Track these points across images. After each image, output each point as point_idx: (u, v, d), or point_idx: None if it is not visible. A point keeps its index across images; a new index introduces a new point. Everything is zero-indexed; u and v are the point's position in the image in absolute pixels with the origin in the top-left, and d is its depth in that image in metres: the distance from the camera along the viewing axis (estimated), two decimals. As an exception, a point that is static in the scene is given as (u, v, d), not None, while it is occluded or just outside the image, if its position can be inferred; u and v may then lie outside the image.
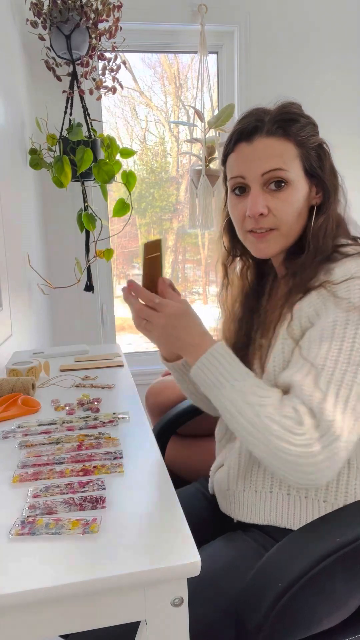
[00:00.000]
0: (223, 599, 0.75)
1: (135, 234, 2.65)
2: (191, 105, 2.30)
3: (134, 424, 0.91)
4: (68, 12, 1.82)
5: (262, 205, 0.83)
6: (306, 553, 0.69)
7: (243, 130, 0.85)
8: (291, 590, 0.65)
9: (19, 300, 1.67)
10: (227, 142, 0.90)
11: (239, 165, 0.86)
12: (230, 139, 0.89)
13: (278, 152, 0.83)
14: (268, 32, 2.30)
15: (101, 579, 0.51)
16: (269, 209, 0.84)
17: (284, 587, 0.66)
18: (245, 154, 0.85)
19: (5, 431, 0.88)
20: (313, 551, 0.68)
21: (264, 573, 0.70)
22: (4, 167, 1.57)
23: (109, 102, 2.40)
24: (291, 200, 0.84)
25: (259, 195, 0.84)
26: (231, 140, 0.88)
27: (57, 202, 2.23)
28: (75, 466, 0.74)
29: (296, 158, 0.84)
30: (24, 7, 1.91)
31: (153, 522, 0.61)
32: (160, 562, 0.53)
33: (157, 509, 0.64)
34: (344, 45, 2.35)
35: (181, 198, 2.60)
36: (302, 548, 0.71)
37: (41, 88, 2.12)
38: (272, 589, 0.66)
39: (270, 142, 0.84)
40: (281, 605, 0.65)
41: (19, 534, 0.58)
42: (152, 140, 2.58)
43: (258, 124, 0.84)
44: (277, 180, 0.83)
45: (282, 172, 0.83)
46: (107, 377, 1.21)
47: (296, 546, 0.72)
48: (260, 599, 0.67)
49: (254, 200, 0.84)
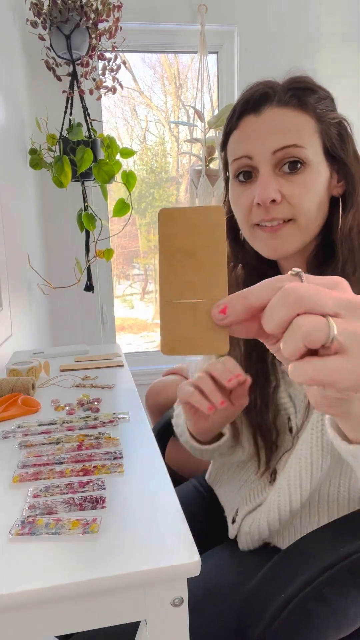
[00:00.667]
0: (226, 610, 0.72)
1: (135, 234, 2.65)
2: (191, 105, 2.30)
3: (134, 424, 0.91)
4: (68, 12, 1.82)
5: (274, 189, 0.67)
6: (309, 563, 0.65)
7: (249, 99, 0.70)
8: (293, 601, 0.62)
9: (19, 300, 1.67)
10: (228, 118, 0.74)
11: (244, 143, 0.70)
12: (232, 113, 0.73)
13: (293, 126, 0.67)
14: (268, 32, 2.30)
15: (101, 579, 0.51)
16: (282, 195, 0.68)
17: (286, 597, 0.62)
18: (252, 128, 0.69)
19: (5, 431, 0.88)
20: (316, 561, 0.65)
21: (266, 583, 0.67)
22: (4, 167, 1.57)
23: (109, 102, 2.40)
24: (310, 185, 0.68)
25: (269, 177, 0.68)
26: (234, 114, 0.72)
27: (57, 202, 2.23)
28: (75, 466, 0.74)
29: (315, 134, 0.68)
30: (24, 7, 1.91)
31: (153, 522, 0.61)
32: (160, 562, 0.53)
33: (157, 509, 0.64)
34: (345, 45, 2.35)
35: (181, 198, 2.60)
36: (305, 557, 0.67)
37: (41, 88, 2.12)
38: (274, 599, 0.63)
39: (284, 113, 0.68)
40: (284, 616, 0.62)
41: (19, 534, 0.58)
42: (152, 140, 2.58)
43: (268, 91, 0.69)
44: (292, 161, 0.68)
45: (298, 149, 0.67)
46: (107, 377, 1.21)
47: (299, 556, 0.68)
48: (261, 609, 0.64)
49: (264, 183, 0.68)
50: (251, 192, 0.70)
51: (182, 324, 0.35)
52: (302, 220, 0.69)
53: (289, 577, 0.65)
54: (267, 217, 0.69)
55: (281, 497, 0.74)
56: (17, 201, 1.73)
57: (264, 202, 0.68)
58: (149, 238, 2.68)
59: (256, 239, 0.73)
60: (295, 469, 0.73)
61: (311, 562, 0.65)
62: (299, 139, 0.67)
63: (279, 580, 0.66)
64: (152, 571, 0.52)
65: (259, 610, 0.64)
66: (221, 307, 0.34)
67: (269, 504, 0.77)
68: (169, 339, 0.35)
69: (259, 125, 0.69)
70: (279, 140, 0.67)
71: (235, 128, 0.72)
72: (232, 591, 0.74)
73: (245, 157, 0.70)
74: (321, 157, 0.69)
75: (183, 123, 2.43)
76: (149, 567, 0.53)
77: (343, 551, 0.65)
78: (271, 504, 0.76)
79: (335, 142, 0.70)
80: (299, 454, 0.73)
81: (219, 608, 0.72)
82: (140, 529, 0.59)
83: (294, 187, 0.68)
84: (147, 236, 2.66)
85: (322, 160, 0.69)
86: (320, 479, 0.73)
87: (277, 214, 0.69)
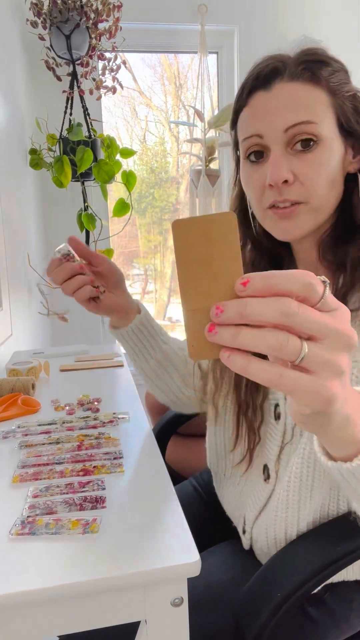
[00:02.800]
0: (225, 609, 0.72)
1: (135, 234, 2.65)
2: (191, 105, 2.30)
3: (134, 424, 0.91)
4: (68, 12, 1.82)
5: (286, 169, 0.65)
6: (306, 562, 0.65)
7: (259, 73, 0.67)
8: (290, 599, 0.62)
9: (19, 300, 1.67)
10: (238, 95, 0.71)
11: (255, 121, 0.68)
12: (242, 89, 0.70)
13: (305, 101, 0.65)
14: (268, 32, 2.30)
15: (101, 579, 0.51)
16: (294, 176, 0.66)
17: (283, 596, 0.62)
18: (263, 105, 0.67)
19: (5, 431, 0.88)
20: (312, 560, 0.65)
21: (263, 582, 0.67)
22: (4, 167, 1.57)
23: (109, 102, 2.40)
24: (323, 163, 0.66)
25: (281, 157, 0.66)
26: (244, 90, 0.69)
27: (57, 202, 2.23)
28: (75, 466, 0.74)
29: (329, 108, 0.66)
30: (24, 7, 1.91)
31: (153, 522, 0.61)
32: (160, 562, 0.53)
33: (157, 509, 0.64)
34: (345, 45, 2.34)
35: (181, 198, 2.60)
36: (301, 556, 0.67)
37: (41, 88, 2.12)
38: (271, 598, 0.63)
39: (295, 87, 0.65)
40: (280, 615, 0.62)
41: (19, 534, 0.58)
42: (152, 140, 2.58)
43: (278, 65, 0.67)
44: (305, 139, 0.65)
45: (311, 126, 0.64)
46: (107, 377, 1.21)
47: (296, 554, 0.68)
48: (258, 608, 0.64)
49: (276, 163, 0.65)
50: (263, 172, 0.68)
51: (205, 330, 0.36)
52: (315, 202, 0.67)
53: (285, 575, 0.65)
54: (280, 198, 0.67)
55: (289, 496, 0.72)
56: (17, 201, 1.73)
57: (276, 184, 0.65)
58: (149, 238, 2.68)
59: (268, 222, 0.71)
60: (298, 464, 0.71)
61: (308, 561, 0.65)
62: (311, 115, 0.64)
63: (276, 579, 0.66)
64: (152, 571, 0.52)
65: (256, 609, 0.64)
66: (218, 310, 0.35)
67: (275, 507, 0.74)
68: (195, 345, 0.37)
69: (269, 101, 0.66)
70: (291, 117, 0.64)
71: (245, 105, 0.69)
72: (231, 590, 0.73)
73: (256, 136, 0.68)
74: (335, 133, 0.66)
75: (183, 123, 2.43)
76: (149, 567, 0.53)
77: (340, 550, 0.64)
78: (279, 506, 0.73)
79: (350, 116, 0.67)
80: (301, 451, 0.71)
81: (218, 607, 0.72)
82: (140, 529, 0.59)
83: (306, 166, 0.65)
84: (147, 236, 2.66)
85: (336, 136, 0.67)
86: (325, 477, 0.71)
87: (289, 195, 0.66)
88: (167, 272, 2.78)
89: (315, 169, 0.65)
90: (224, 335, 0.35)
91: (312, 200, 0.67)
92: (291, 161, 0.66)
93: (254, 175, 0.70)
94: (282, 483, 0.73)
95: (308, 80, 0.65)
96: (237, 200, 0.79)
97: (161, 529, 0.59)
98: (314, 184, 0.66)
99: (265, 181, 0.67)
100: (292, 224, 0.68)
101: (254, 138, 0.68)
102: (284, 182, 0.66)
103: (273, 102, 0.66)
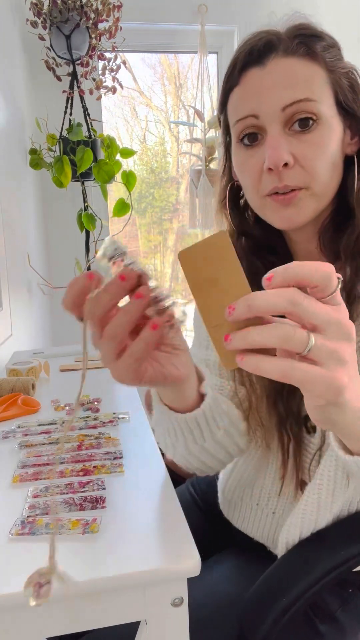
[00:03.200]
0: (228, 618, 0.69)
1: (135, 234, 2.65)
2: (191, 105, 2.30)
3: (134, 424, 0.91)
4: (68, 12, 1.82)
5: (285, 151, 0.60)
6: (310, 566, 0.63)
7: (252, 48, 0.62)
8: (295, 605, 0.60)
9: (19, 300, 1.67)
10: (227, 74, 0.65)
11: (249, 100, 0.62)
12: (233, 66, 0.64)
13: (303, 77, 0.60)
14: (268, 32, 2.30)
15: (101, 579, 0.51)
16: (294, 158, 0.60)
17: (288, 602, 0.60)
18: (257, 82, 0.61)
19: (5, 431, 0.88)
20: (317, 564, 0.63)
21: (267, 587, 0.65)
22: (4, 167, 1.57)
23: (109, 102, 2.40)
24: (323, 143, 0.61)
25: (280, 138, 0.60)
26: (234, 67, 0.63)
27: (57, 202, 2.23)
28: (75, 466, 0.74)
29: (326, 85, 0.61)
30: (24, 7, 1.91)
31: (153, 522, 0.61)
32: (160, 562, 0.53)
33: (157, 509, 0.63)
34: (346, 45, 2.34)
35: (181, 198, 2.60)
36: (305, 561, 0.65)
37: (41, 88, 2.12)
38: (276, 603, 0.61)
39: (291, 63, 0.60)
40: (285, 621, 0.60)
41: (19, 534, 0.58)
42: (152, 140, 2.58)
43: (272, 39, 0.62)
44: (303, 118, 0.60)
45: (310, 104, 0.59)
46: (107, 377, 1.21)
47: (299, 559, 0.66)
48: (263, 614, 0.62)
49: (275, 144, 0.60)
50: (259, 156, 0.62)
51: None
52: (317, 186, 0.62)
53: (290, 580, 0.63)
54: (280, 184, 0.61)
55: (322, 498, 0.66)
56: (17, 201, 1.73)
57: (276, 166, 0.60)
58: (149, 238, 2.68)
59: (267, 210, 0.65)
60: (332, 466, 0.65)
61: (312, 566, 0.63)
62: (310, 92, 0.59)
63: (280, 584, 0.64)
64: (152, 571, 0.52)
65: (260, 615, 0.63)
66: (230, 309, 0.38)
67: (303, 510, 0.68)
68: (223, 357, 0.41)
69: (264, 78, 0.60)
70: (289, 95, 0.59)
71: (237, 84, 0.63)
72: (235, 600, 0.71)
73: (251, 117, 0.62)
74: (334, 111, 0.62)
75: (183, 123, 2.43)
76: (149, 567, 0.53)
77: (343, 554, 0.63)
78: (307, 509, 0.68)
79: (347, 94, 0.63)
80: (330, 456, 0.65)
81: (222, 617, 0.70)
82: (140, 529, 0.59)
83: (306, 147, 0.60)
84: (147, 236, 2.66)
85: (335, 114, 0.62)
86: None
87: (290, 181, 0.61)
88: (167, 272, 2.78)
89: (315, 150, 0.61)
90: (236, 339, 0.37)
91: (313, 184, 0.62)
92: (290, 142, 0.61)
93: (250, 160, 0.64)
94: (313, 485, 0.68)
95: (304, 55, 0.61)
96: (225, 190, 0.73)
97: (161, 529, 0.59)
98: (314, 166, 0.61)
99: (262, 166, 0.62)
100: (294, 211, 0.63)
101: (248, 119, 0.62)
102: (284, 166, 0.60)
103: (268, 79, 0.60)
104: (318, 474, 0.68)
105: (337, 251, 0.66)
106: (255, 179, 0.64)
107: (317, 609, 0.69)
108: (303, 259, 0.71)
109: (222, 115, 0.69)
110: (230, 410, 0.71)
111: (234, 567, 0.79)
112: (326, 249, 0.67)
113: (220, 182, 0.74)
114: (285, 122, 0.61)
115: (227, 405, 0.70)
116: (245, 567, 0.78)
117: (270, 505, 0.78)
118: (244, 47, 0.63)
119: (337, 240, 0.66)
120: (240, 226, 0.74)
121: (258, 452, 0.78)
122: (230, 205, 0.73)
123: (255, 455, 0.78)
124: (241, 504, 0.83)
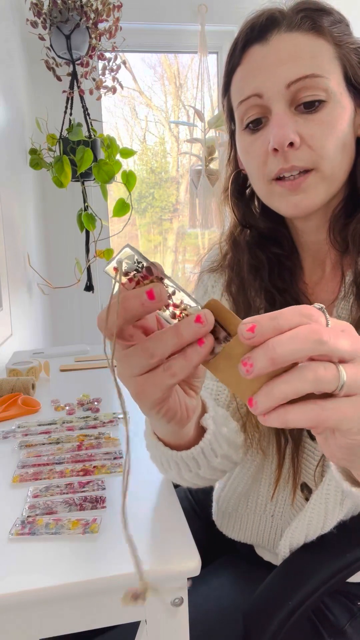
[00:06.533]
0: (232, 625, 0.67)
1: (135, 234, 2.65)
2: (191, 105, 2.30)
3: (134, 424, 0.90)
4: (68, 12, 1.82)
5: (291, 129, 0.56)
6: (314, 570, 0.63)
7: (254, 25, 0.59)
8: (299, 610, 0.59)
9: (19, 300, 1.67)
10: (230, 53, 0.62)
11: (251, 79, 0.58)
12: (235, 46, 0.61)
13: (308, 52, 0.56)
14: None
15: (101, 579, 0.51)
16: (301, 138, 0.56)
17: (293, 605, 0.59)
18: (260, 60, 0.58)
19: (5, 431, 0.88)
20: (321, 568, 0.62)
21: (271, 591, 0.64)
22: (4, 167, 1.57)
23: (109, 102, 2.40)
24: (333, 122, 0.57)
25: (285, 116, 0.56)
26: (236, 46, 0.61)
27: (57, 202, 2.23)
28: (75, 466, 0.74)
29: (334, 61, 0.57)
30: (24, 7, 1.91)
31: (153, 522, 0.61)
32: (160, 562, 0.53)
33: (157, 509, 0.64)
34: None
35: (181, 198, 2.60)
36: (309, 565, 0.64)
37: (41, 88, 2.12)
38: (281, 607, 0.60)
39: (296, 38, 0.57)
40: (290, 625, 0.59)
41: (19, 534, 0.58)
42: (152, 140, 2.58)
43: (275, 14, 0.58)
44: (309, 101, 0.56)
45: (317, 80, 0.55)
46: (107, 377, 1.21)
47: (303, 563, 0.65)
48: (267, 618, 0.61)
49: (280, 122, 0.56)
50: (264, 139, 0.59)
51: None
52: (326, 167, 0.58)
53: (294, 584, 0.63)
54: (287, 165, 0.57)
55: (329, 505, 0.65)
56: (17, 201, 1.73)
57: (281, 146, 0.56)
58: (149, 238, 2.68)
59: (274, 196, 0.61)
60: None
61: (316, 570, 0.62)
62: (316, 68, 0.55)
63: (285, 588, 0.63)
64: (152, 571, 0.52)
65: (265, 619, 0.62)
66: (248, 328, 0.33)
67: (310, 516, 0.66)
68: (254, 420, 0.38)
69: (267, 55, 0.57)
70: (293, 71, 0.55)
71: (239, 64, 0.60)
72: (237, 609, 0.69)
73: (254, 96, 0.58)
74: (343, 88, 0.58)
75: (183, 123, 2.43)
76: (149, 567, 0.53)
77: (349, 557, 0.62)
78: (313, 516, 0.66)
79: (357, 71, 0.59)
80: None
81: (226, 622, 0.68)
82: (140, 529, 0.59)
83: (314, 126, 0.56)
84: (147, 236, 2.66)
85: (344, 91, 0.58)
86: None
87: (297, 161, 0.57)
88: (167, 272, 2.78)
89: (324, 129, 0.56)
90: (262, 401, 0.33)
91: (322, 165, 0.57)
92: (296, 121, 0.57)
93: (254, 143, 0.60)
94: (320, 492, 0.67)
95: (309, 30, 0.57)
96: (228, 180, 0.70)
97: (161, 529, 0.59)
98: (323, 145, 0.57)
99: (267, 147, 0.58)
100: (302, 196, 0.59)
101: (252, 99, 0.59)
102: (290, 145, 0.56)
103: (271, 55, 0.57)
104: (326, 481, 0.66)
105: (348, 242, 0.62)
106: (261, 162, 0.60)
107: (326, 622, 0.68)
108: (309, 251, 0.68)
109: (226, 99, 0.65)
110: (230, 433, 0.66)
111: (234, 573, 0.78)
112: (336, 240, 0.63)
113: (225, 172, 0.71)
114: (291, 100, 0.57)
115: (227, 426, 0.66)
116: (245, 573, 0.78)
117: (268, 509, 0.77)
118: (246, 25, 0.61)
119: (348, 228, 0.62)
120: (244, 218, 0.71)
121: (254, 463, 0.77)
122: (235, 196, 0.70)
123: (252, 466, 0.77)
124: (236, 514, 0.81)
